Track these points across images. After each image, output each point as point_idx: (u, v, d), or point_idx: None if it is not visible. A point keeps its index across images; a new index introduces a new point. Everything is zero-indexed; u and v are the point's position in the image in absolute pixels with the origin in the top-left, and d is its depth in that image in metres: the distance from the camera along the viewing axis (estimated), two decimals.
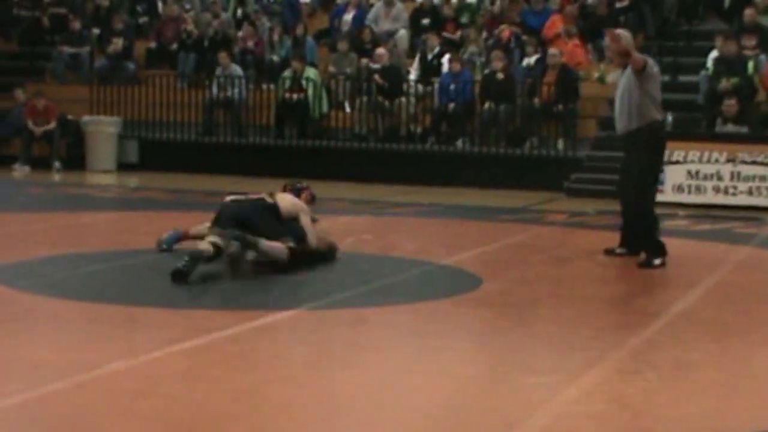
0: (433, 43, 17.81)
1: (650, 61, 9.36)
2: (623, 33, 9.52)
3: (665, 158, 14.27)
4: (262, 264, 8.54)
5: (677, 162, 14.32)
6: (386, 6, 19.14)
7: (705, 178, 14.30)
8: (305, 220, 8.75)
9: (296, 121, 17.55)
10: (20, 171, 17.48)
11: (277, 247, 8.38)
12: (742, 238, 11.37)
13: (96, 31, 19.99)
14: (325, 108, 17.65)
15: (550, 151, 16.19)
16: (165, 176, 16.60)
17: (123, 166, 17.70)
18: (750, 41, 16.36)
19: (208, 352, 6.01)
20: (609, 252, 9.63)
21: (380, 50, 17.64)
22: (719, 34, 16.63)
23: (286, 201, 8.80)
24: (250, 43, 18.85)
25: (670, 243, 9.32)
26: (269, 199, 8.69)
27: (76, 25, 19.74)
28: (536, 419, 4.89)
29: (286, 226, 8.63)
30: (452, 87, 16.78)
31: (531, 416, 4.93)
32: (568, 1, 18.49)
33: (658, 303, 7.73)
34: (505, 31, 17.90)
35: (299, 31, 18.85)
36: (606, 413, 5.08)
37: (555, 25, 17.74)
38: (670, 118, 15.70)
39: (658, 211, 13.44)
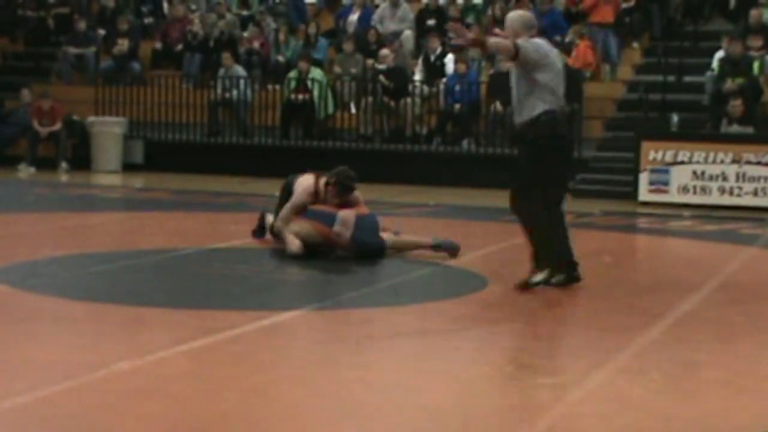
0: (435, 44, 17.80)
1: (529, 47, 7.60)
2: (509, 17, 7.93)
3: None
4: (268, 263, 8.58)
5: (682, 162, 14.32)
6: (392, 7, 19.14)
7: (710, 178, 14.29)
8: (288, 204, 9.29)
9: (302, 121, 17.57)
10: (25, 171, 17.50)
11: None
12: (748, 238, 11.36)
13: (101, 31, 20.02)
14: (330, 109, 17.66)
15: None
16: (170, 177, 16.61)
17: (128, 167, 17.72)
18: (756, 42, 16.36)
19: (214, 353, 6.01)
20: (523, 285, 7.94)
21: (385, 51, 17.64)
22: (725, 34, 16.63)
23: (299, 186, 9.36)
24: (256, 44, 18.86)
25: (676, 243, 9.31)
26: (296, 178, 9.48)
27: (82, 25, 19.76)
28: (542, 420, 4.89)
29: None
30: (457, 88, 16.78)
31: (537, 417, 4.93)
32: (573, 2, 18.48)
33: (663, 303, 7.71)
34: None
35: (311, 30, 18.87)
36: (611, 413, 5.08)
37: None
38: (675, 118, 15.71)
39: (664, 211, 13.63)
